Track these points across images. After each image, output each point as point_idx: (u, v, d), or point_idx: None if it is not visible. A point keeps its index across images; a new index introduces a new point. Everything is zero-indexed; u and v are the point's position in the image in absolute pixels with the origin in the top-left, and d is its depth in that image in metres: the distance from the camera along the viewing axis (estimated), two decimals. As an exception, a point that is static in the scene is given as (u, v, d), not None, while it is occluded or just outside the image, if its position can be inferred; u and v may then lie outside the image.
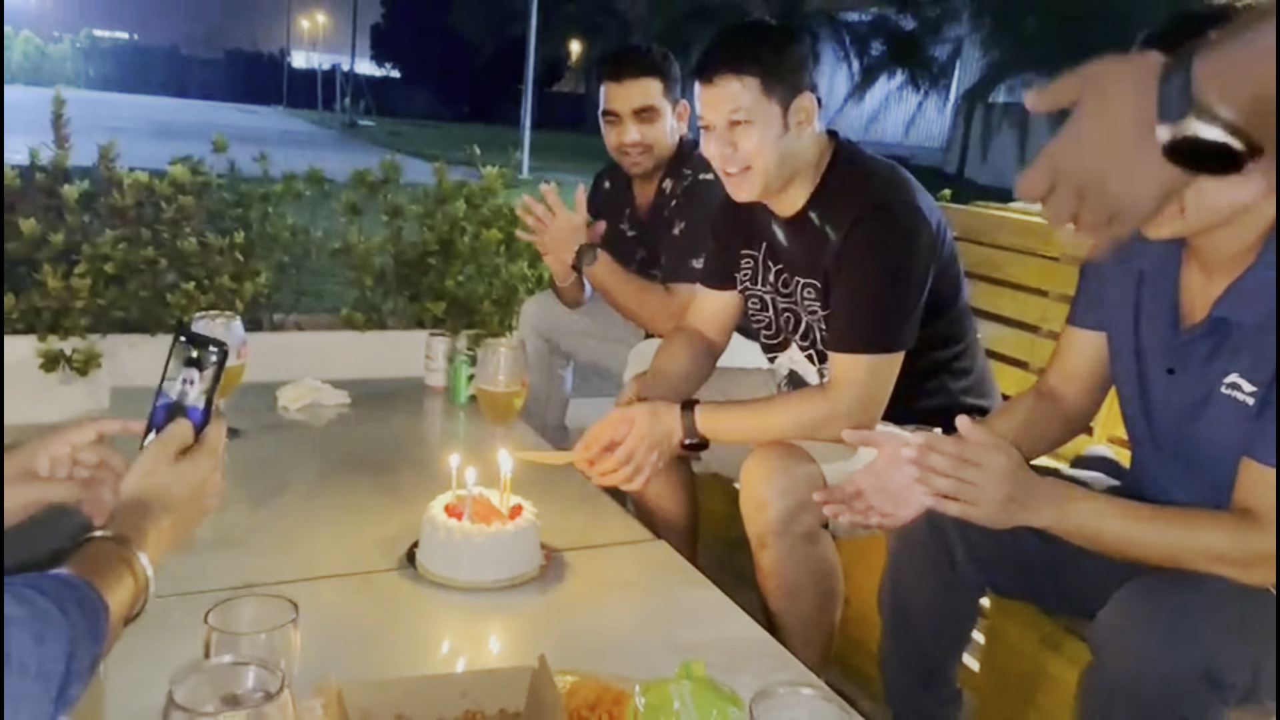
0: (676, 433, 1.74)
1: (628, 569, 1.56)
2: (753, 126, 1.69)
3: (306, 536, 1.58)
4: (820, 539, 1.72)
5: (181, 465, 1.02)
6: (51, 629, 0.75)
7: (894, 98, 22.84)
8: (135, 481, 1.00)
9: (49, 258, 2.86)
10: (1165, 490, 1.33)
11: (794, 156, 1.73)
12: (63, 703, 0.76)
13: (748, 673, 1.22)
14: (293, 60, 45.06)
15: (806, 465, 1.67)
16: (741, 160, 1.72)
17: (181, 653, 1.17)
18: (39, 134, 3.11)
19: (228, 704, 0.82)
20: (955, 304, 1.83)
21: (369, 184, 3.35)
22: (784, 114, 1.70)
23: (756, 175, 1.73)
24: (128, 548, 0.92)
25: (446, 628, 1.40)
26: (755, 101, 1.68)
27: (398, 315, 3.46)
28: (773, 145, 1.70)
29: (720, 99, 1.70)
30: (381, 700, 1.09)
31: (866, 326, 1.69)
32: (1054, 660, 1.54)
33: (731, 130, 1.71)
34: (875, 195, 1.71)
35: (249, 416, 2.05)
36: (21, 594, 0.75)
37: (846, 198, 1.72)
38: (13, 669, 0.71)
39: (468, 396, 2.21)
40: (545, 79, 30.90)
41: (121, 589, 0.88)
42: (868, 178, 1.74)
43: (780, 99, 1.69)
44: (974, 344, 1.92)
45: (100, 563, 0.89)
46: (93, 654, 0.80)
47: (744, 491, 1.69)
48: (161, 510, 0.99)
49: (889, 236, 1.68)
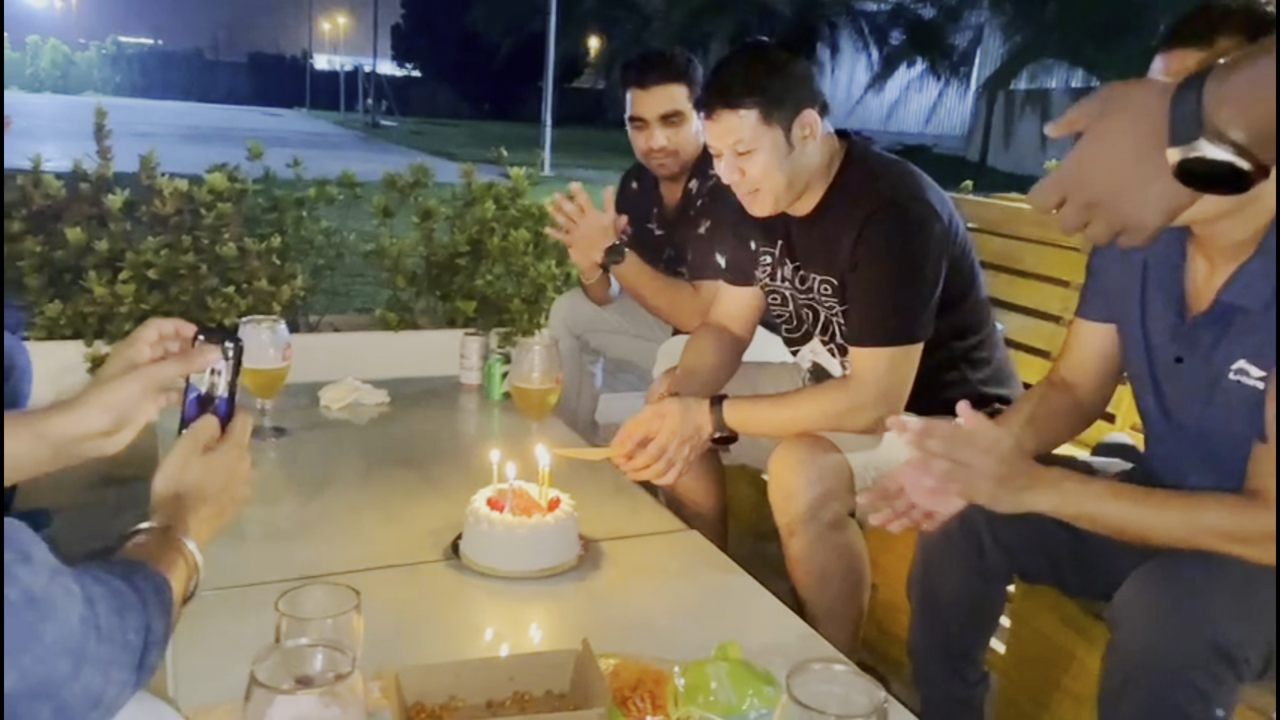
0: (706, 427, 1.80)
1: (662, 557, 1.61)
2: (756, 153, 1.74)
3: (355, 530, 1.65)
4: (847, 527, 1.77)
5: (210, 458, 1.06)
6: (129, 604, 0.82)
7: (914, 86, 22.66)
8: (169, 476, 1.04)
9: (94, 265, 2.95)
10: (1182, 476, 1.36)
11: (803, 170, 1.78)
12: (144, 669, 0.83)
13: (780, 654, 1.27)
14: (315, 62, 45.34)
15: (833, 455, 1.73)
16: (750, 184, 1.78)
17: (243, 638, 1.23)
18: (69, 139, 3.21)
19: (301, 683, 0.88)
20: (970, 295, 1.87)
21: (399, 187, 3.43)
22: (786, 135, 1.74)
23: (767, 195, 1.79)
24: (173, 534, 0.97)
25: (492, 615, 1.46)
26: (755, 131, 1.73)
27: (429, 315, 3.53)
28: (779, 166, 1.75)
29: (722, 132, 1.75)
30: (435, 683, 1.14)
31: (883, 320, 1.74)
32: (1078, 642, 1.58)
33: (737, 158, 1.76)
34: (886, 192, 1.75)
35: (294, 416, 2.11)
36: (97, 575, 0.81)
37: (858, 196, 1.76)
38: (102, 638, 0.77)
39: (502, 393, 2.27)
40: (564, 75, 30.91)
41: (176, 570, 0.94)
42: (878, 176, 1.79)
43: (781, 121, 1.74)
44: (992, 334, 1.96)
45: (151, 550, 0.94)
46: (164, 624, 0.87)
47: (772, 481, 1.75)
48: (197, 501, 1.03)
49: (901, 232, 1.72)
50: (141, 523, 0.98)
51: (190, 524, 1.00)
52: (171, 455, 1.05)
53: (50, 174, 3.04)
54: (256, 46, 51.56)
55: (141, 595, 0.84)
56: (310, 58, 44.94)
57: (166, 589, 0.90)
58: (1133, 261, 1.40)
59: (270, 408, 2.02)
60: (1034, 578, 1.59)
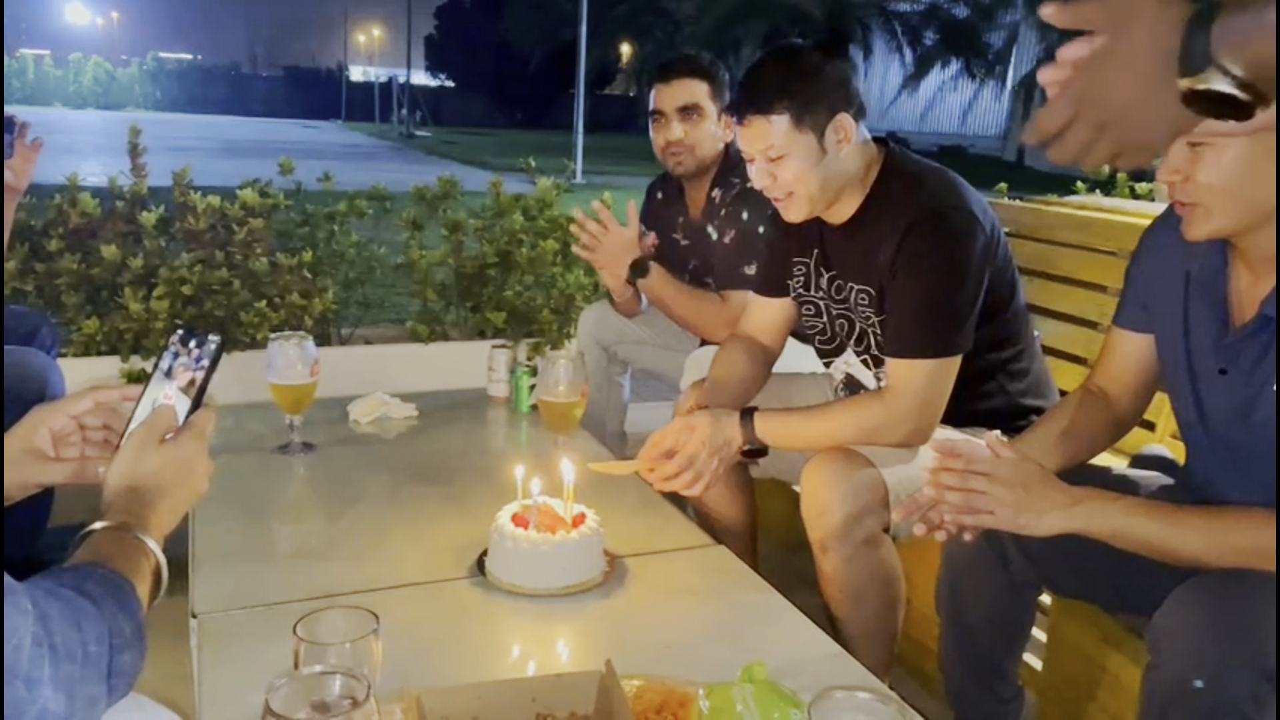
0: (736, 439, 1.78)
1: (689, 574, 1.59)
2: (789, 159, 1.72)
3: (381, 547, 1.64)
4: (882, 544, 1.73)
5: (167, 447, 1.02)
6: (85, 614, 0.79)
7: (948, 87, 22.51)
8: (123, 469, 1.00)
9: (129, 282, 2.99)
10: (1220, 490, 1.33)
11: (837, 175, 1.76)
12: (116, 675, 0.80)
13: (809, 675, 1.25)
14: (350, 74, 45.88)
15: (867, 470, 1.68)
16: (783, 188, 1.76)
17: (269, 659, 1.24)
18: (110, 155, 3.25)
19: (318, 710, 0.88)
20: (1011, 305, 1.84)
21: (429, 200, 3.44)
22: (819, 139, 1.72)
23: (800, 199, 1.77)
24: (129, 531, 0.93)
25: (516, 634, 1.45)
26: (787, 136, 1.71)
27: (460, 326, 3.54)
28: (812, 171, 1.73)
29: (754, 138, 1.74)
30: (457, 705, 1.13)
31: (922, 332, 1.70)
32: (1116, 659, 1.54)
33: (769, 163, 1.74)
34: (927, 200, 1.72)
35: (322, 431, 2.12)
36: (49, 589, 0.79)
37: (897, 204, 1.73)
38: (60, 657, 0.75)
39: (529, 406, 2.27)
40: (596, 82, 31.03)
41: (138, 569, 0.90)
42: (918, 183, 1.76)
43: (814, 126, 1.71)
44: (1031, 345, 1.92)
45: (103, 550, 0.91)
46: (130, 625, 0.84)
47: (805, 498, 1.71)
48: (154, 495, 0.99)
49: (942, 241, 1.69)
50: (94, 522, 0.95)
51: (148, 519, 0.96)
52: (125, 447, 1.02)
53: (87, 190, 3.09)
54: (293, 60, 52.34)
55: (96, 602, 0.81)
56: (345, 70, 45.50)
57: (127, 589, 0.86)
58: (1175, 270, 1.37)
59: (299, 423, 2.03)
60: (1064, 590, 1.56)
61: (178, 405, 1.07)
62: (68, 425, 1.08)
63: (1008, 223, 2.66)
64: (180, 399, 1.07)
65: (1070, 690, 1.65)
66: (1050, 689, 1.71)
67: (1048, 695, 1.71)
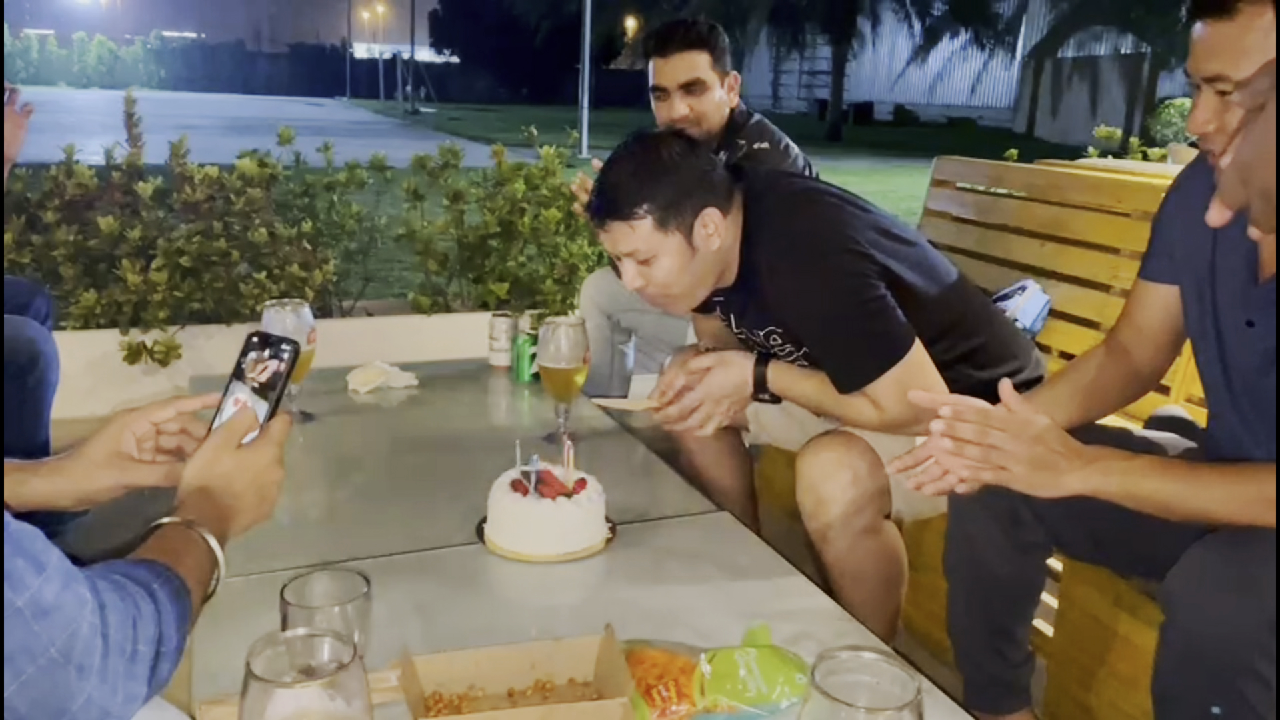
0: (748, 384, 1.73)
1: (691, 540, 1.56)
2: (658, 259, 1.62)
3: (380, 515, 1.62)
4: (883, 530, 1.69)
5: (243, 453, 1.03)
6: (144, 613, 0.79)
7: (958, 58, 22.28)
8: (198, 469, 1.01)
9: (127, 254, 2.96)
10: (1243, 446, 1.29)
11: (713, 264, 1.67)
12: (155, 682, 0.80)
13: (813, 639, 1.23)
14: (355, 51, 45.66)
15: (866, 456, 1.63)
16: (659, 290, 1.67)
17: (264, 627, 1.22)
18: (116, 135, 3.22)
19: (304, 674, 0.85)
20: (934, 294, 1.70)
21: (429, 170, 3.40)
22: (687, 238, 1.62)
23: (680, 299, 1.70)
24: (196, 530, 0.94)
25: (515, 601, 1.42)
26: (651, 239, 1.61)
27: (463, 298, 3.51)
28: (685, 270, 1.64)
29: (617, 242, 1.64)
30: (454, 672, 1.11)
31: (859, 359, 1.62)
32: (1128, 623, 1.51)
33: (639, 265, 1.64)
34: (776, 240, 1.64)
35: (321, 400, 2.10)
36: (114, 580, 0.79)
37: (764, 252, 1.65)
38: (111, 650, 0.74)
39: (531, 374, 2.24)
40: (601, 57, 30.82)
41: (198, 570, 0.91)
42: (776, 228, 1.66)
43: (680, 226, 1.61)
44: (972, 316, 1.79)
45: (174, 546, 0.91)
46: (180, 634, 0.83)
47: (802, 487, 1.66)
48: (224, 497, 1.00)
49: (815, 270, 1.61)
50: (165, 516, 0.96)
51: (215, 521, 0.97)
52: (204, 448, 1.03)
53: (86, 166, 3.06)
54: (297, 37, 52.04)
55: (158, 604, 0.81)
56: (350, 47, 45.25)
57: (185, 595, 0.86)
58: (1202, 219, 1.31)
59: (296, 392, 2.00)
60: (1076, 552, 1.53)
61: (256, 410, 1.06)
62: (148, 431, 1.10)
63: (1019, 186, 2.62)
64: (257, 403, 1.07)
65: (1082, 655, 1.62)
66: (1061, 653, 1.68)
67: (1058, 660, 1.68)
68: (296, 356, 1.08)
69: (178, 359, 3.04)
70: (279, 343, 1.08)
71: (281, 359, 1.07)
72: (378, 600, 1.08)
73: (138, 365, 3.03)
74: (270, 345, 1.08)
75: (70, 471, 1.07)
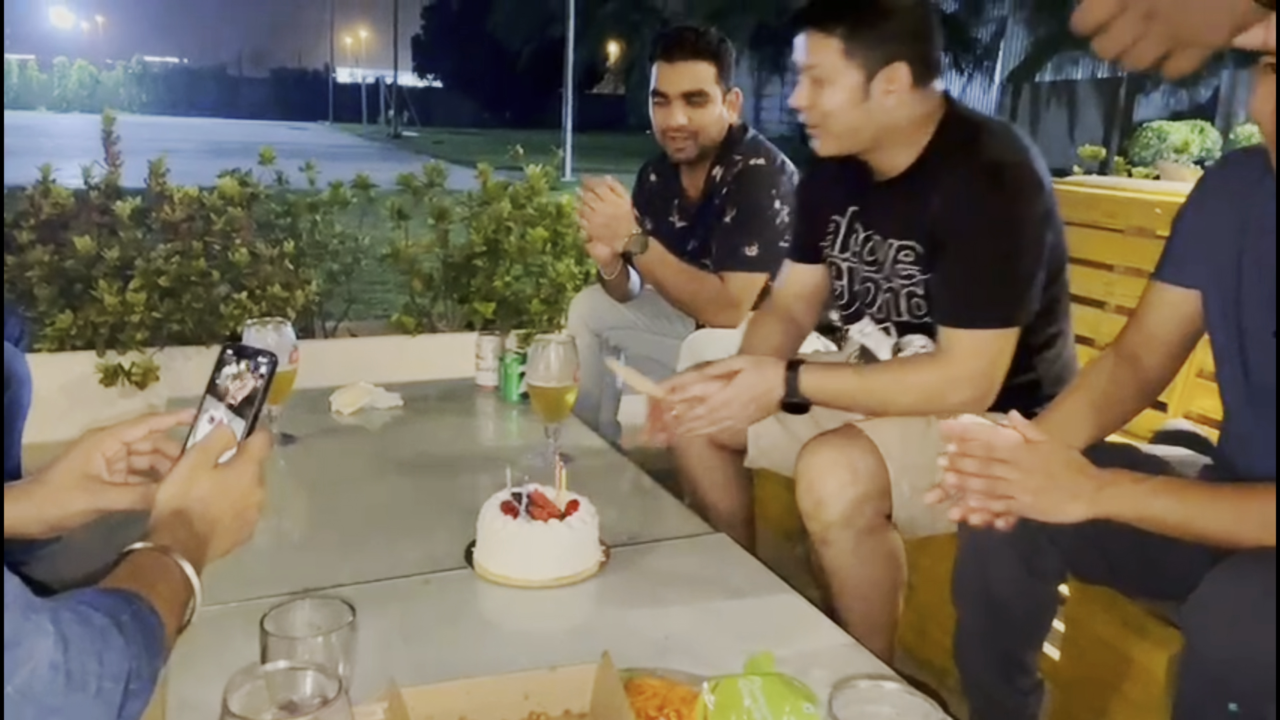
0: (778, 389, 1.66)
1: (688, 563, 1.52)
2: (830, 87, 1.62)
3: (364, 539, 1.57)
4: (884, 531, 1.65)
5: (221, 473, 0.98)
6: (110, 648, 0.74)
7: (938, 82, 22.53)
8: (173, 491, 0.96)
9: (104, 274, 2.90)
10: (1262, 459, 1.25)
11: (876, 125, 1.64)
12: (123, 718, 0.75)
13: (818, 665, 1.18)
14: (337, 76, 45.78)
15: (866, 455, 1.59)
16: (814, 117, 1.66)
17: (243, 659, 1.16)
18: (96, 158, 3.16)
19: (286, 710, 0.80)
20: (1059, 279, 1.71)
21: (414, 189, 3.36)
22: (866, 81, 1.60)
23: (828, 137, 1.67)
24: (170, 556, 0.89)
25: (507, 628, 1.38)
26: (833, 62, 1.60)
27: (448, 319, 3.47)
28: (848, 112, 1.62)
29: (801, 51, 1.64)
30: (444, 704, 1.06)
31: (983, 300, 1.58)
32: (1140, 647, 1.47)
33: (811, 85, 1.64)
34: (988, 153, 1.59)
35: (303, 422, 2.04)
36: (80, 612, 0.74)
37: (955, 157, 1.61)
38: (74, 686, 0.70)
39: (519, 394, 2.19)
40: (585, 81, 30.98)
41: (172, 599, 0.86)
42: (978, 135, 1.62)
43: (864, 64, 1.60)
44: (1067, 328, 1.80)
45: (147, 574, 0.86)
46: (151, 670, 0.79)
47: (800, 488, 1.61)
48: (200, 521, 0.95)
49: (1004, 198, 1.56)
50: (138, 541, 0.90)
51: (190, 546, 0.92)
52: (178, 468, 0.97)
53: (63, 188, 3.00)
54: (279, 62, 52.26)
55: (127, 637, 0.76)
56: (333, 71, 45.39)
57: (158, 628, 0.81)
58: (1231, 218, 1.28)
59: (278, 413, 1.94)
60: (1089, 575, 1.48)
61: (234, 427, 1.01)
62: (119, 452, 1.06)
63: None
64: (234, 420, 1.01)
65: (1091, 680, 1.58)
66: (1070, 679, 1.63)
67: (1067, 686, 1.64)
68: (274, 370, 1.02)
69: (155, 381, 2.97)
70: (255, 355, 1.02)
71: (259, 373, 1.02)
72: (363, 629, 1.03)
73: (114, 388, 2.97)
74: (247, 359, 1.03)
75: (37, 496, 1.01)
